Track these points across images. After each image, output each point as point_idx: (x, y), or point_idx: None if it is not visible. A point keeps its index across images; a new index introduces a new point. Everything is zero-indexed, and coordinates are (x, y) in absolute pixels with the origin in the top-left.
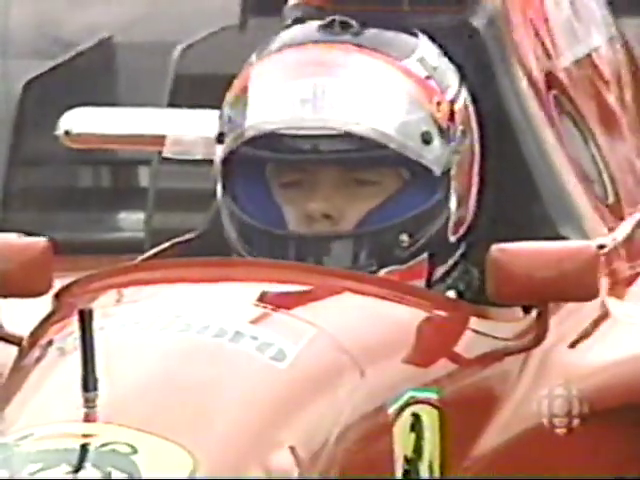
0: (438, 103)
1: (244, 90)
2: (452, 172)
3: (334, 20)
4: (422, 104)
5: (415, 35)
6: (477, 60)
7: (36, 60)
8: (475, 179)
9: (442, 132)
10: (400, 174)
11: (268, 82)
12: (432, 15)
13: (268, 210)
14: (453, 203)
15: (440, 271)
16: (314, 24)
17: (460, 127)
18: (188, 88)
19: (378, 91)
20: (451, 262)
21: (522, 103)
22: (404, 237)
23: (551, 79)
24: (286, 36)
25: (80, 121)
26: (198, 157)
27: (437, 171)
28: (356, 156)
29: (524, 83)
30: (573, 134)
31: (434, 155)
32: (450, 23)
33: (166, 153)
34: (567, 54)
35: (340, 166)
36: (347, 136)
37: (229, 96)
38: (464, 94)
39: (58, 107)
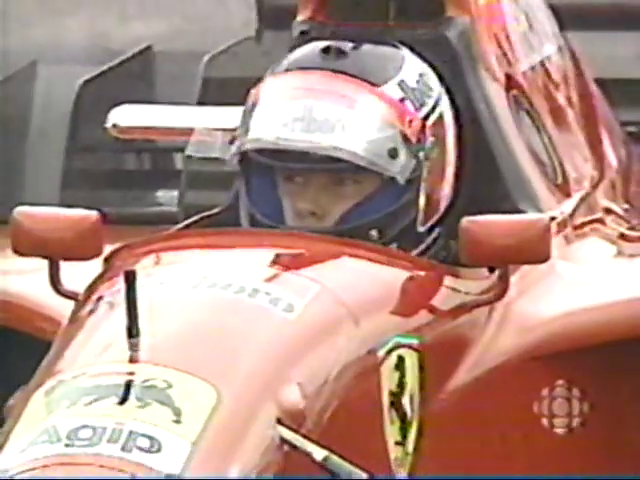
0: (410, 121)
1: (254, 104)
2: (423, 175)
3: (331, 48)
4: (393, 124)
5: (402, 56)
6: (450, 66)
7: (90, 66)
8: (448, 177)
9: (410, 146)
10: (373, 180)
11: (268, 101)
12: (413, 29)
13: (271, 205)
14: (422, 201)
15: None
16: (317, 48)
17: (431, 139)
18: (214, 90)
19: (354, 114)
20: (423, 246)
21: (487, 101)
22: (373, 233)
23: (511, 81)
24: (293, 58)
25: (125, 116)
26: (215, 155)
27: (401, 180)
28: (333, 167)
29: (489, 85)
30: (529, 126)
31: (399, 167)
32: (428, 36)
33: (189, 152)
34: (524, 61)
35: (322, 174)
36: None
37: (246, 105)
38: (441, 107)
39: (107, 104)
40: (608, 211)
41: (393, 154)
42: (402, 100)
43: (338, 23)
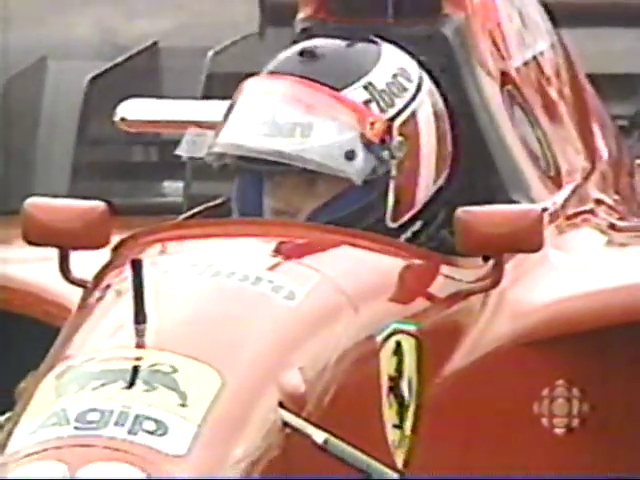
0: (372, 123)
1: (231, 106)
2: (392, 173)
3: (305, 51)
4: (352, 126)
5: (377, 57)
6: (447, 61)
7: (98, 61)
8: (425, 172)
9: (372, 147)
10: (342, 180)
11: (240, 105)
12: (411, 26)
13: (253, 203)
14: (391, 198)
15: None
16: (295, 52)
17: (399, 138)
18: (218, 84)
19: (312, 119)
20: (401, 240)
21: (482, 96)
22: None
23: (505, 77)
24: (275, 61)
25: (133, 109)
26: (202, 155)
27: (358, 181)
28: (294, 169)
29: (484, 80)
30: (522, 120)
31: (356, 168)
32: (425, 32)
33: (178, 152)
34: (518, 57)
35: (296, 177)
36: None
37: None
38: (414, 105)
39: (115, 98)
40: (599, 202)
41: (350, 156)
42: (367, 102)
43: (338, 20)
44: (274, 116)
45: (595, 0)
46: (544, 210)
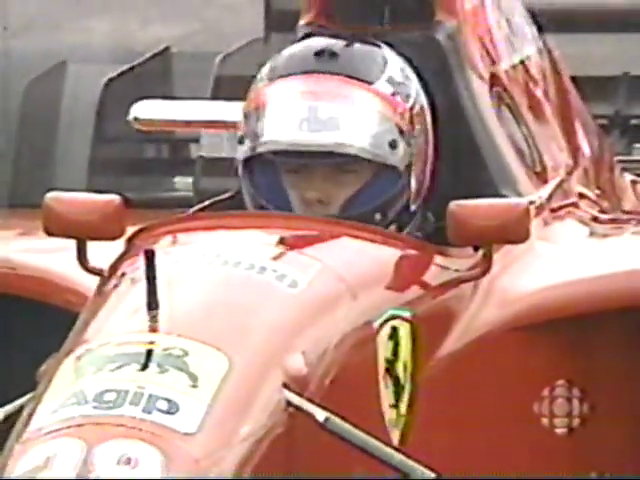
0: (401, 113)
1: (261, 107)
2: (413, 160)
3: (324, 50)
4: (389, 117)
5: (383, 54)
6: (439, 65)
7: (114, 65)
8: (429, 159)
9: (404, 136)
10: (370, 168)
11: (275, 105)
12: (406, 32)
13: (279, 196)
14: (413, 184)
15: (405, 231)
16: (310, 51)
17: (417, 127)
18: (225, 86)
19: (356, 112)
20: (413, 224)
21: (473, 97)
22: (378, 216)
23: (494, 79)
24: (290, 62)
25: (146, 110)
26: (224, 155)
27: (401, 167)
28: (340, 161)
29: (474, 82)
30: (510, 120)
31: (399, 156)
32: (420, 38)
33: (201, 153)
34: (506, 60)
35: (329, 167)
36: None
37: (247, 106)
38: (420, 97)
39: (130, 99)
40: (582, 196)
41: (393, 145)
42: (393, 94)
43: (338, 26)
44: (316, 112)
45: (579, 8)
46: (530, 203)
